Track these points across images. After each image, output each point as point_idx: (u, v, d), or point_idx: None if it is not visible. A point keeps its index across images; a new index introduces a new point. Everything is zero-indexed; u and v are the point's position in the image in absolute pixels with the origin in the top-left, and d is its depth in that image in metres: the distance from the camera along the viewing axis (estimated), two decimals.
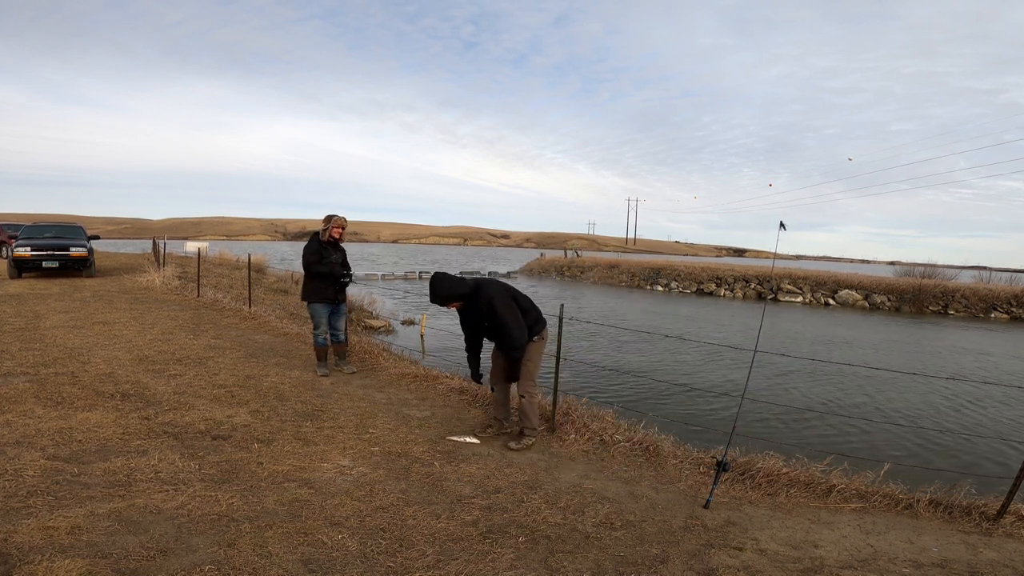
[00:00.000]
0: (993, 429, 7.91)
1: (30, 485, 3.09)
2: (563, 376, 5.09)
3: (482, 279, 4.16)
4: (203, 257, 15.01)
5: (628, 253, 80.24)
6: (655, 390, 9.02)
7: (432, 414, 4.95)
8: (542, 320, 4.30)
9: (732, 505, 3.55)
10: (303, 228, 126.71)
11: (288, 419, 4.53)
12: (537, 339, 4.25)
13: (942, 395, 9.70)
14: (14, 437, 3.76)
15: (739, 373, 10.57)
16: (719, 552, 2.93)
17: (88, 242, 14.71)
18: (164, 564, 2.47)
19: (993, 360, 13.97)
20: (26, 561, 2.38)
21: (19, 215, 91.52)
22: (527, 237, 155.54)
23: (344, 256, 5.98)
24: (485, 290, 3.99)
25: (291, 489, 3.29)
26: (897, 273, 32.37)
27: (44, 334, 7.17)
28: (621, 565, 2.75)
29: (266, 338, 7.80)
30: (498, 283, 4.12)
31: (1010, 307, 24.31)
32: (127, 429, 4.06)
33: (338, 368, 6.24)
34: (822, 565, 2.86)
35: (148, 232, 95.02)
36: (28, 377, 5.22)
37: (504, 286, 4.12)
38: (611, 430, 4.61)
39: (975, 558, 3.02)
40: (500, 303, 3.95)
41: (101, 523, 2.76)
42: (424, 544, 2.80)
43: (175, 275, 13.95)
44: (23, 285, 12.21)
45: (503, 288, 4.08)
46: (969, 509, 3.61)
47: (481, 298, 3.97)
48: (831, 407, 8.58)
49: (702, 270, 31.90)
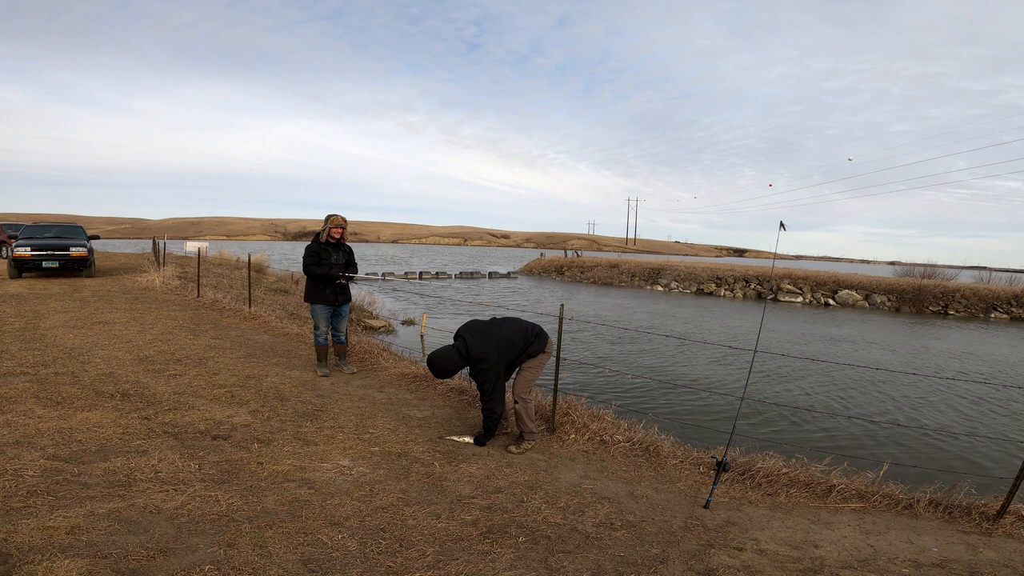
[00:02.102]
0: (993, 429, 7.91)
1: (30, 485, 3.09)
2: (563, 376, 5.09)
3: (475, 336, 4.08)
4: (203, 257, 15.02)
5: (628, 253, 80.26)
6: (655, 390, 9.02)
7: (432, 414, 4.95)
8: (545, 336, 4.33)
9: (732, 505, 3.55)
10: (303, 228, 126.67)
11: (288, 419, 4.53)
12: (542, 354, 4.29)
13: (942, 395, 9.70)
14: (14, 437, 3.76)
15: (739, 373, 10.57)
16: (719, 552, 2.93)
17: (88, 242, 14.71)
18: (164, 564, 2.47)
19: (993, 360, 13.97)
20: (26, 561, 2.38)
21: (19, 215, 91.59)
22: (527, 237, 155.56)
23: (350, 256, 5.97)
24: (476, 358, 4.02)
25: (291, 489, 3.29)
26: (897, 273, 32.39)
27: (44, 334, 7.17)
28: (621, 565, 2.75)
29: (266, 338, 7.80)
30: (489, 344, 4.04)
31: (1010, 307, 24.31)
32: (127, 429, 4.06)
33: (338, 368, 6.24)
34: (822, 565, 2.86)
35: (148, 232, 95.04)
36: (28, 377, 5.22)
37: (494, 348, 4.04)
38: (611, 430, 4.61)
39: (975, 558, 3.02)
40: (485, 373, 4.04)
41: (101, 523, 2.76)
42: (424, 544, 2.80)
43: (175, 275, 13.95)
44: (23, 285, 12.21)
45: (493, 357, 4.02)
46: (969, 509, 3.61)
47: (473, 365, 4.07)
48: (831, 407, 8.58)
49: (702, 270, 31.89)
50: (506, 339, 4.14)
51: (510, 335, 4.17)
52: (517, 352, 4.18)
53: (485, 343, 4.05)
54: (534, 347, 4.23)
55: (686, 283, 31.06)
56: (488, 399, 4.09)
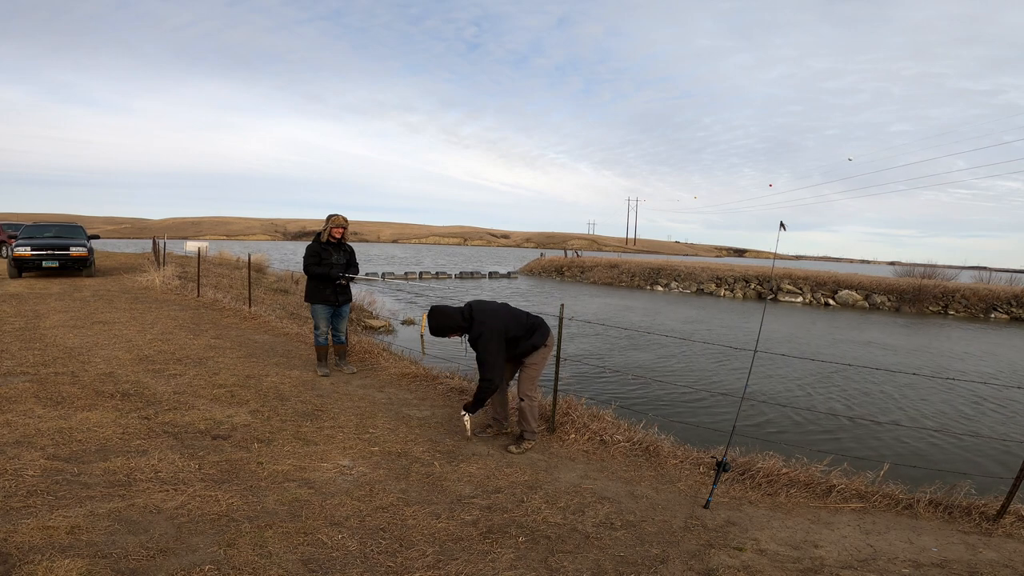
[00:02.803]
0: (993, 429, 7.91)
1: (30, 485, 3.09)
2: (563, 376, 5.09)
3: (482, 306, 4.11)
4: (203, 257, 15.02)
5: (628, 253, 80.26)
6: (655, 390, 9.02)
7: (432, 414, 4.95)
8: (546, 329, 4.31)
9: (732, 505, 3.55)
10: (303, 228, 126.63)
11: (288, 419, 4.53)
12: (543, 347, 4.27)
13: (942, 395, 9.70)
14: (14, 437, 3.76)
15: (739, 373, 10.57)
16: (719, 552, 2.93)
17: (88, 242, 14.71)
18: (164, 564, 2.47)
19: (994, 360, 13.97)
20: (26, 561, 2.38)
21: (19, 215, 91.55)
22: (527, 237, 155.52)
23: (351, 255, 5.98)
24: (479, 322, 4.02)
25: (291, 489, 3.29)
26: (897, 273, 32.38)
27: (44, 334, 7.17)
28: (621, 565, 2.75)
29: (266, 338, 7.80)
30: (495, 318, 4.05)
31: (1010, 307, 24.30)
32: (127, 429, 4.05)
33: (338, 368, 6.24)
34: (822, 565, 2.86)
35: (148, 232, 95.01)
36: (28, 377, 5.22)
37: (500, 322, 4.05)
38: (611, 430, 4.61)
39: (975, 558, 3.02)
40: (486, 340, 3.99)
41: (101, 523, 2.76)
42: (424, 544, 2.80)
43: (175, 275, 13.95)
44: (23, 285, 12.21)
45: (498, 326, 4.02)
46: (969, 509, 3.61)
47: (473, 329, 4.04)
48: (831, 407, 8.58)
49: (702, 270, 31.89)
50: (511, 316, 4.17)
51: (514, 314, 4.22)
52: (520, 331, 4.15)
53: (489, 314, 4.06)
54: (536, 337, 4.21)
55: (686, 283, 31.06)
56: (488, 369, 4.00)
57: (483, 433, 4.47)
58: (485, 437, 4.43)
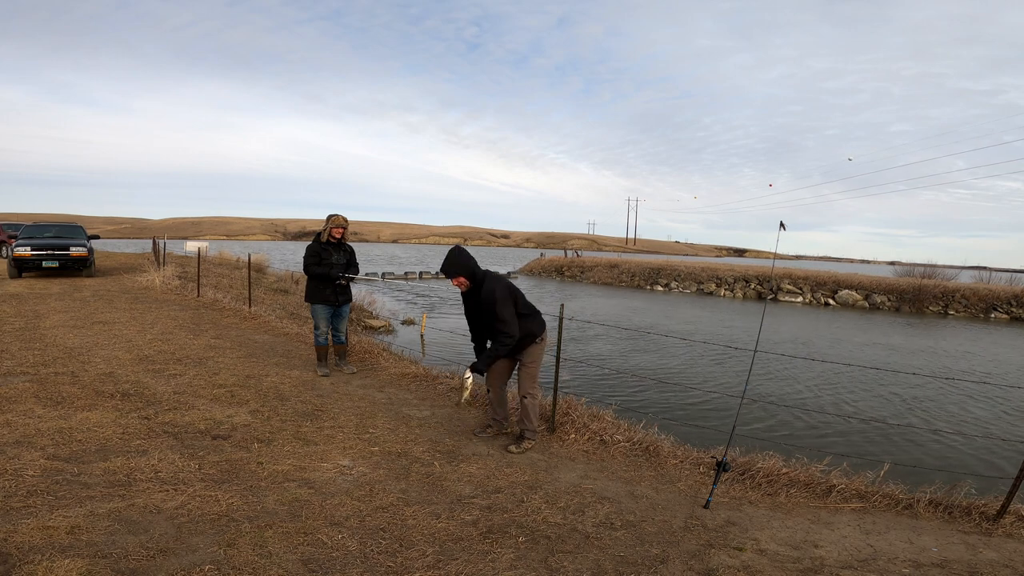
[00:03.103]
0: (993, 429, 7.91)
1: (30, 485, 3.09)
2: (563, 376, 5.09)
3: (492, 274, 4.18)
4: (203, 257, 15.02)
5: (628, 253, 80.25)
6: (655, 390, 9.02)
7: (432, 414, 4.95)
8: (542, 323, 4.30)
9: (732, 505, 3.55)
10: (303, 228, 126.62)
11: (288, 419, 4.53)
12: (539, 341, 4.26)
13: (942, 395, 9.70)
14: (14, 437, 3.76)
15: (739, 373, 10.57)
16: (719, 552, 2.93)
17: (88, 242, 14.71)
18: (164, 564, 2.47)
19: (993, 360, 13.97)
20: (26, 561, 2.38)
21: (19, 215, 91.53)
22: (527, 237, 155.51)
23: (351, 256, 5.98)
24: (490, 284, 4.04)
25: (291, 489, 3.29)
26: (897, 273, 32.38)
27: (44, 334, 7.17)
28: (621, 565, 2.75)
29: (266, 338, 7.80)
30: (505, 282, 4.13)
31: (1010, 307, 24.30)
32: (127, 429, 4.05)
33: (338, 368, 6.24)
34: (822, 565, 2.86)
35: (148, 232, 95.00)
36: (28, 377, 5.22)
37: (509, 286, 4.12)
38: (611, 430, 4.61)
39: (975, 558, 3.02)
40: (502, 302, 3.99)
41: (101, 523, 2.76)
42: (424, 544, 2.80)
43: (175, 275, 13.95)
44: (23, 285, 12.21)
45: (507, 287, 4.08)
46: (969, 509, 3.61)
47: (484, 289, 4.03)
48: (831, 407, 8.58)
49: (702, 270, 31.90)
50: (520, 293, 4.18)
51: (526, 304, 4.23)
52: (526, 308, 4.17)
53: (497, 280, 4.08)
54: (534, 324, 4.20)
55: (686, 283, 31.06)
56: (507, 326, 3.98)
57: (483, 433, 4.47)
58: (485, 437, 4.43)
